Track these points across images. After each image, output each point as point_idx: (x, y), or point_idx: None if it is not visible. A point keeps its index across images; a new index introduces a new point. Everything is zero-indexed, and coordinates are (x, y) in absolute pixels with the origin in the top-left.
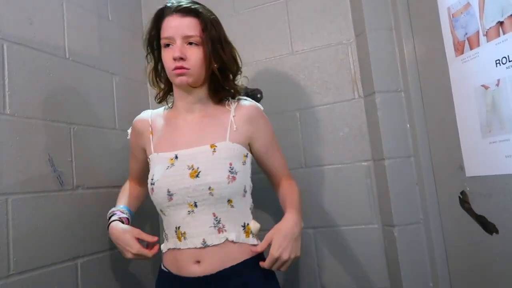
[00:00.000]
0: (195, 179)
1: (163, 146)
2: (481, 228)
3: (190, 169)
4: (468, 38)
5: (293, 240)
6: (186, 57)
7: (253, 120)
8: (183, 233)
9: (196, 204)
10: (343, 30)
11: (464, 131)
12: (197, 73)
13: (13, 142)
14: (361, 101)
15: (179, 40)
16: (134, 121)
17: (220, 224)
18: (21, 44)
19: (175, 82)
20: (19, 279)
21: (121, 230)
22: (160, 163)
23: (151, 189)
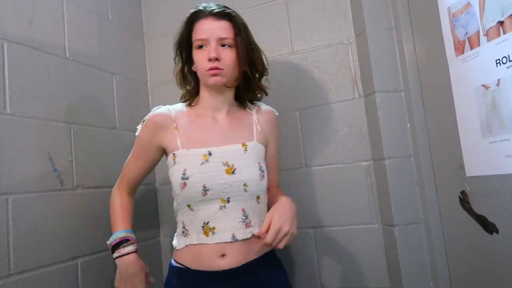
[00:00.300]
0: (231, 175)
1: (193, 142)
2: (481, 228)
3: (225, 166)
4: (469, 37)
5: (290, 215)
6: (221, 58)
7: (271, 124)
8: (211, 228)
9: (229, 199)
10: (343, 29)
11: (464, 131)
12: (230, 73)
13: (13, 142)
14: (361, 101)
15: (213, 42)
16: (152, 116)
17: (248, 220)
18: (21, 43)
19: (209, 82)
20: (19, 278)
21: (139, 267)
22: (191, 159)
23: (183, 183)
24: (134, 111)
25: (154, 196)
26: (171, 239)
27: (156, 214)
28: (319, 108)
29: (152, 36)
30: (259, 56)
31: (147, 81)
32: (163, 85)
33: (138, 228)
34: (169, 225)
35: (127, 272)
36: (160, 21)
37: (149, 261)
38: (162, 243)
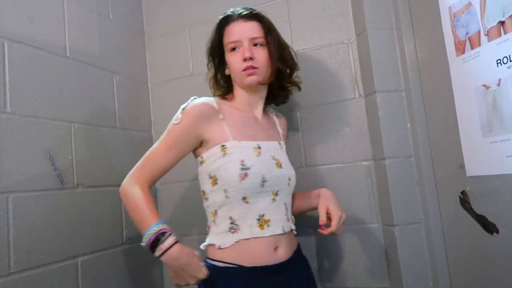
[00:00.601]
0: (281, 169)
1: (242, 135)
2: (481, 228)
3: (274, 160)
4: (469, 37)
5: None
6: (254, 57)
7: (286, 130)
8: (267, 220)
9: (277, 193)
10: (343, 29)
11: (464, 131)
12: (265, 71)
13: (13, 141)
14: (361, 101)
15: (246, 42)
16: (196, 104)
17: (288, 213)
18: (22, 42)
19: (246, 82)
20: (20, 277)
21: (190, 253)
22: (246, 150)
23: (243, 174)
24: (134, 111)
25: (154, 195)
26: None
27: None
28: (320, 107)
29: (152, 35)
30: (289, 52)
31: (147, 81)
32: (163, 84)
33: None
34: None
35: (178, 266)
36: (160, 21)
37: (149, 261)
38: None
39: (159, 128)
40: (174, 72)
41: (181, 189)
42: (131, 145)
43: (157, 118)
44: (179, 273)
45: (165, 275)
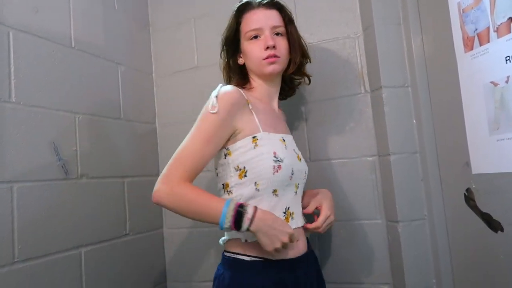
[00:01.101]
0: (301, 162)
1: (269, 126)
2: (486, 226)
3: (295, 153)
4: (478, 34)
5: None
6: (277, 46)
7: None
8: (291, 213)
9: (298, 186)
10: (350, 23)
11: (471, 128)
12: (284, 61)
13: (18, 131)
14: (367, 96)
15: (268, 31)
16: (229, 92)
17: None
18: (27, 32)
19: (267, 71)
20: (24, 266)
21: (269, 212)
22: (275, 143)
23: (278, 166)
24: (138, 102)
25: None
26: (174, 231)
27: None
28: (325, 102)
29: (157, 27)
30: (304, 44)
31: (152, 72)
32: (168, 76)
33: (141, 220)
34: (172, 216)
35: (269, 226)
36: (166, 12)
37: (152, 252)
38: (165, 234)
39: (163, 120)
40: (179, 64)
41: None
42: (135, 137)
43: (161, 110)
44: (271, 234)
45: (167, 266)
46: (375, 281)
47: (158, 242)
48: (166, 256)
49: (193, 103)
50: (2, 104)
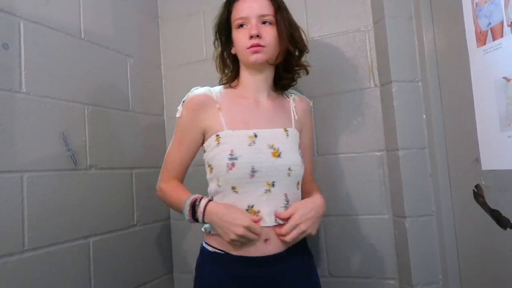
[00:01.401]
0: (278, 158)
1: (238, 123)
2: (494, 223)
3: (271, 149)
4: (492, 28)
5: (315, 217)
6: (262, 35)
7: (306, 114)
8: (256, 212)
9: (274, 183)
10: (361, 16)
11: (482, 124)
12: (272, 51)
13: (28, 121)
14: (377, 90)
15: (254, 19)
16: (193, 96)
17: (289, 205)
18: (37, 22)
19: (250, 60)
20: (33, 255)
21: (224, 205)
22: (238, 140)
23: (231, 164)
24: (147, 94)
25: None
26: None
27: None
28: (334, 96)
29: (166, 19)
30: (299, 34)
31: (161, 64)
32: (176, 68)
33: (148, 211)
34: None
35: (219, 219)
36: (175, 4)
37: (159, 243)
38: (172, 225)
39: (171, 112)
40: (188, 56)
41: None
42: (143, 129)
43: (169, 102)
44: (223, 226)
45: (174, 257)
46: (381, 276)
47: (165, 233)
48: (172, 247)
49: None
50: (13, 94)
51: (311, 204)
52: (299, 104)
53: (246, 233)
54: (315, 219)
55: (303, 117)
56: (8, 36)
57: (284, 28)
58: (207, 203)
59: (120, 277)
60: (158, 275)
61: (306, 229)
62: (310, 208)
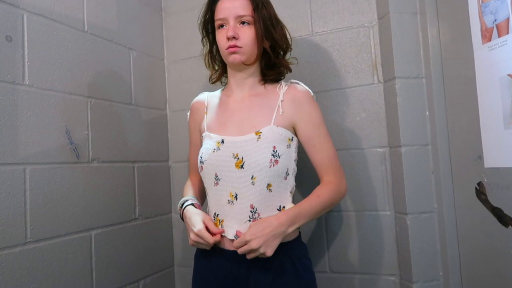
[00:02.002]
0: (240, 169)
1: (215, 126)
2: (496, 220)
3: (235, 158)
4: (497, 25)
5: (270, 236)
6: (239, 36)
7: (298, 104)
8: (221, 221)
9: (237, 196)
10: (365, 12)
11: (485, 121)
12: (249, 51)
13: (31, 113)
14: (380, 86)
15: (232, 21)
16: (192, 103)
17: (256, 214)
18: (41, 15)
19: (228, 61)
20: (35, 246)
21: (194, 211)
22: (208, 143)
23: (200, 166)
24: (150, 88)
25: (167, 173)
26: None
27: (169, 191)
28: (337, 92)
29: (170, 12)
30: (281, 32)
31: (164, 58)
32: (179, 62)
33: (150, 204)
34: None
35: (185, 220)
36: None
37: (160, 236)
38: (174, 219)
39: (174, 106)
40: (191, 50)
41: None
42: (146, 123)
43: (172, 96)
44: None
45: (175, 251)
46: (382, 272)
47: (167, 227)
48: (174, 241)
49: (204, 90)
50: (16, 86)
51: (265, 223)
52: (289, 95)
53: (197, 238)
54: (269, 238)
55: (294, 108)
56: (12, 28)
57: (260, 28)
58: (185, 207)
59: (122, 270)
60: (159, 269)
61: (257, 247)
62: (264, 226)
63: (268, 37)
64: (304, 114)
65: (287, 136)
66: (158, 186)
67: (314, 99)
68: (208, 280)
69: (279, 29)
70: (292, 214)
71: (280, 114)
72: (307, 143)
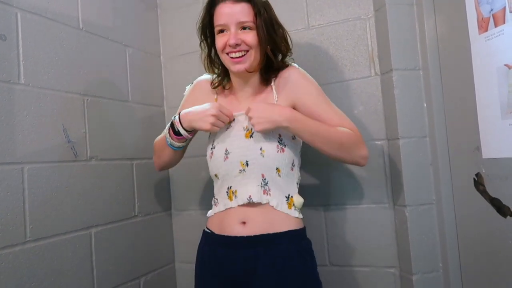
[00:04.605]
0: (249, 139)
1: None
2: (494, 211)
3: (245, 130)
4: (494, 14)
5: (267, 116)
6: (241, 42)
7: (291, 84)
8: (234, 192)
9: (247, 163)
10: (361, 4)
11: (483, 112)
12: (253, 54)
13: (27, 112)
14: (377, 79)
15: (233, 27)
16: (199, 80)
17: (267, 187)
18: (35, 13)
19: (233, 70)
20: (35, 245)
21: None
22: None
23: (211, 153)
24: (146, 85)
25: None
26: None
27: (168, 188)
28: (334, 85)
29: (166, 8)
30: (283, 36)
31: (160, 55)
32: (176, 58)
33: (149, 201)
34: (180, 199)
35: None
36: None
37: (160, 233)
38: (174, 215)
39: (171, 103)
40: (187, 46)
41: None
42: (143, 120)
43: (169, 92)
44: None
45: (175, 247)
46: (382, 265)
47: (167, 223)
48: (174, 238)
49: None
50: (12, 85)
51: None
52: (280, 81)
53: (219, 112)
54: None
55: (290, 89)
56: (5, 27)
57: (263, 35)
58: (179, 113)
59: (122, 268)
60: (159, 265)
61: (251, 116)
62: (265, 107)
63: (270, 41)
64: (300, 90)
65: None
66: (157, 182)
67: (305, 74)
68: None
69: (280, 33)
70: (296, 114)
71: (276, 101)
72: (312, 115)
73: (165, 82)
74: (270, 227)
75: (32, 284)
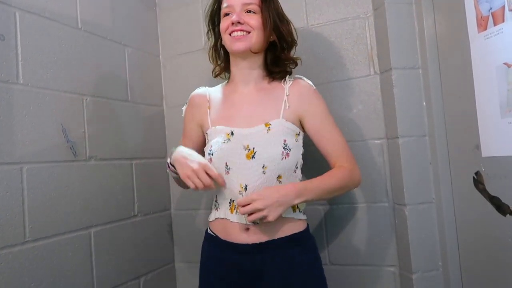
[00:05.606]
0: (251, 160)
1: (221, 120)
2: (494, 209)
3: (246, 150)
4: (493, 13)
5: (276, 201)
6: (244, 21)
7: (304, 98)
8: (236, 207)
9: (246, 187)
10: (361, 3)
11: (482, 110)
12: (255, 38)
13: (27, 112)
14: (376, 78)
15: (238, 8)
16: (191, 96)
17: None
18: (33, 13)
19: (233, 49)
20: (35, 245)
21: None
22: (217, 136)
23: (209, 159)
24: (146, 84)
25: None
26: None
27: (167, 187)
28: (333, 84)
29: (165, 8)
30: (287, 27)
31: (159, 54)
32: (175, 58)
33: (149, 201)
34: (180, 198)
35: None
36: None
37: (160, 233)
38: (173, 215)
39: (170, 102)
40: (186, 45)
41: None
42: (142, 119)
43: (168, 92)
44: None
45: (175, 247)
46: (382, 264)
47: (166, 223)
48: (174, 237)
49: (201, 85)
50: (11, 85)
51: (273, 189)
52: (294, 89)
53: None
54: (274, 204)
55: (301, 102)
56: (4, 27)
57: (268, 17)
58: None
59: (122, 267)
60: (159, 265)
61: (262, 207)
62: (271, 192)
63: (275, 29)
64: (311, 107)
65: (295, 131)
66: (157, 182)
67: (318, 92)
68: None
69: (285, 25)
70: (300, 187)
71: (287, 108)
72: (316, 135)
73: (164, 81)
74: (275, 233)
75: (32, 285)
